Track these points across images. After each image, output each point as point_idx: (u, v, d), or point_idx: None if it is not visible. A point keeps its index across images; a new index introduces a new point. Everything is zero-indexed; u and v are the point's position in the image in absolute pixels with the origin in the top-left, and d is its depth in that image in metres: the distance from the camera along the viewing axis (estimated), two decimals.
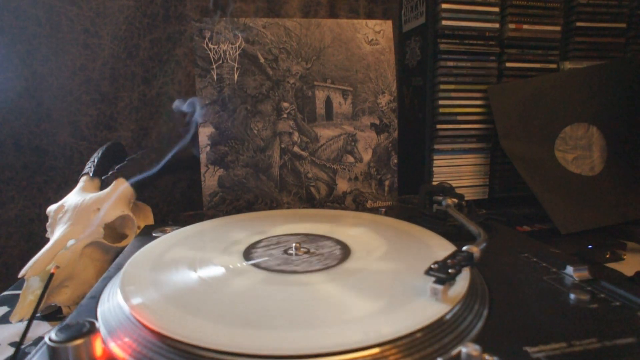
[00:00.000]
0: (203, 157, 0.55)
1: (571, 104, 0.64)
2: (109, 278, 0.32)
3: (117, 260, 0.37)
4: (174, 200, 0.75)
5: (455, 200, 0.43)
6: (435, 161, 0.66)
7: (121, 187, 0.48)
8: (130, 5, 0.69)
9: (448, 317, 0.24)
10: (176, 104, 0.53)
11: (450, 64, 0.64)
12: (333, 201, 0.58)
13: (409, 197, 0.65)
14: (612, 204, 0.59)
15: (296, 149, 0.57)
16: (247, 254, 0.35)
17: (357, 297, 0.27)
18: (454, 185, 0.46)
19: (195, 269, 0.32)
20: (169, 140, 0.73)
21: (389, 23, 0.60)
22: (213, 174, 0.55)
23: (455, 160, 0.67)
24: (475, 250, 0.29)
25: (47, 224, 0.46)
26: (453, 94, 0.65)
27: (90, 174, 0.51)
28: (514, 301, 0.27)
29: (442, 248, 0.35)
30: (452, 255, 0.29)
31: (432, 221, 0.44)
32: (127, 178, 0.49)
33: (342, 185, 0.59)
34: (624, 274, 0.41)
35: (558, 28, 0.67)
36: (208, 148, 0.55)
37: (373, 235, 0.40)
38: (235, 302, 0.26)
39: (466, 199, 0.45)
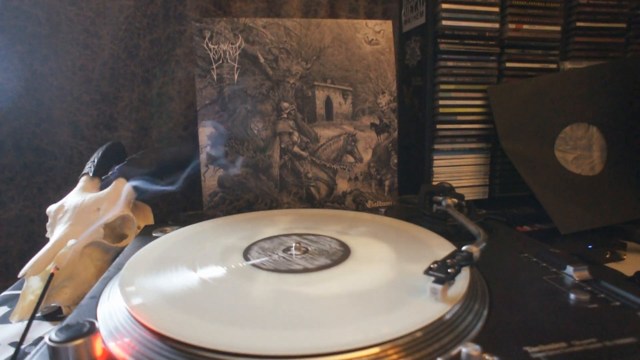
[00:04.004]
0: (203, 157, 0.55)
1: (571, 104, 0.64)
2: (109, 278, 0.32)
3: (117, 260, 0.37)
4: (174, 200, 0.75)
5: (455, 200, 0.43)
6: (435, 161, 0.66)
7: (121, 187, 0.48)
8: (130, 5, 0.69)
9: (448, 317, 0.24)
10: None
11: (450, 64, 0.64)
12: (333, 201, 0.58)
13: (409, 197, 0.65)
14: (612, 204, 0.59)
15: (296, 149, 0.57)
16: (247, 254, 0.35)
17: (357, 296, 0.27)
18: (454, 185, 0.46)
19: (195, 269, 0.32)
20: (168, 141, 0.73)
21: (389, 23, 0.60)
22: (213, 174, 0.55)
23: (455, 160, 0.67)
24: (474, 250, 0.29)
25: (47, 224, 0.46)
26: (453, 94, 0.65)
27: (90, 174, 0.51)
28: (514, 301, 0.27)
29: (442, 248, 0.35)
30: (451, 255, 0.29)
31: (432, 221, 0.44)
32: (127, 178, 0.49)
33: (342, 185, 0.59)
34: (624, 274, 0.41)
35: (558, 28, 0.67)
36: (208, 148, 0.55)
37: (373, 235, 0.40)
38: (235, 302, 0.26)
39: (466, 199, 0.45)
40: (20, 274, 0.39)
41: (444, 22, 0.63)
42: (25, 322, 0.31)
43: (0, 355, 0.33)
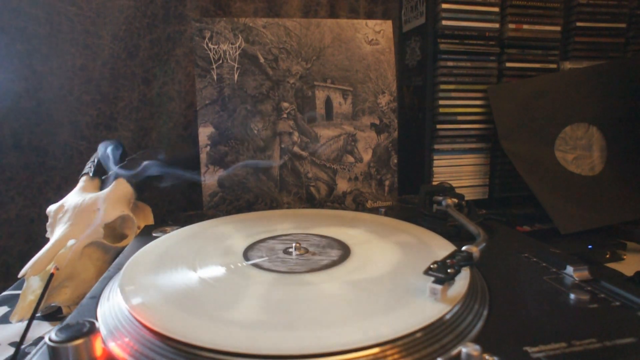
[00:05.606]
0: (203, 157, 0.55)
1: (571, 104, 0.64)
2: (109, 278, 0.32)
3: (117, 260, 0.37)
4: (174, 200, 0.75)
5: (455, 200, 0.43)
6: (435, 161, 0.66)
7: (121, 187, 0.48)
8: (130, 5, 0.69)
9: (448, 317, 0.24)
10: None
11: (450, 64, 0.64)
12: (333, 201, 0.58)
13: (409, 197, 0.65)
14: (612, 204, 0.59)
15: (296, 149, 0.57)
16: (247, 254, 0.35)
17: (357, 296, 0.27)
18: (454, 185, 0.46)
19: (195, 269, 0.32)
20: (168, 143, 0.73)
21: (389, 23, 0.60)
22: (213, 174, 0.55)
23: (455, 160, 0.67)
24: (474, 250, 0.29)
25: (47, 224, 0.46)
26: (453, 94, 0.65)
27: (90, 174, 0.51)
28: (514, 301, 0.27)
29: (442, 248, 0.35)
30: (451, 255, 0.29)
31: (432, 221, 0.44)
32: (127, 178, 0.49)
33: (342, 185, 0.59)
34: (624, 274, 0.41)
35: (558, 28, 0.67)
36: (208, 148, 0.55)
37: (373, 235, 0.40)
38: (235, 302, 0.26)
39: (466, 199, 0.45)
40: (20, 274, 0.39)
41: (444, 22, 0.63)
42: (25, 322, 0.31)
43: (0, 355, 0.33)
